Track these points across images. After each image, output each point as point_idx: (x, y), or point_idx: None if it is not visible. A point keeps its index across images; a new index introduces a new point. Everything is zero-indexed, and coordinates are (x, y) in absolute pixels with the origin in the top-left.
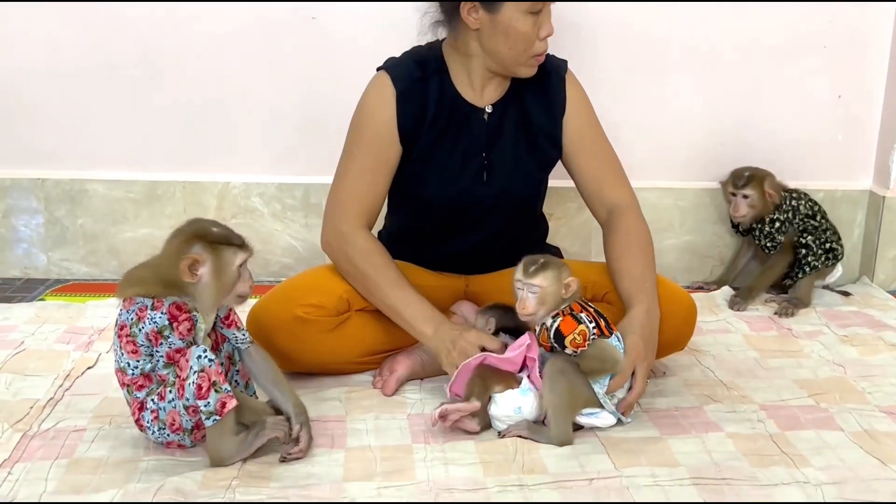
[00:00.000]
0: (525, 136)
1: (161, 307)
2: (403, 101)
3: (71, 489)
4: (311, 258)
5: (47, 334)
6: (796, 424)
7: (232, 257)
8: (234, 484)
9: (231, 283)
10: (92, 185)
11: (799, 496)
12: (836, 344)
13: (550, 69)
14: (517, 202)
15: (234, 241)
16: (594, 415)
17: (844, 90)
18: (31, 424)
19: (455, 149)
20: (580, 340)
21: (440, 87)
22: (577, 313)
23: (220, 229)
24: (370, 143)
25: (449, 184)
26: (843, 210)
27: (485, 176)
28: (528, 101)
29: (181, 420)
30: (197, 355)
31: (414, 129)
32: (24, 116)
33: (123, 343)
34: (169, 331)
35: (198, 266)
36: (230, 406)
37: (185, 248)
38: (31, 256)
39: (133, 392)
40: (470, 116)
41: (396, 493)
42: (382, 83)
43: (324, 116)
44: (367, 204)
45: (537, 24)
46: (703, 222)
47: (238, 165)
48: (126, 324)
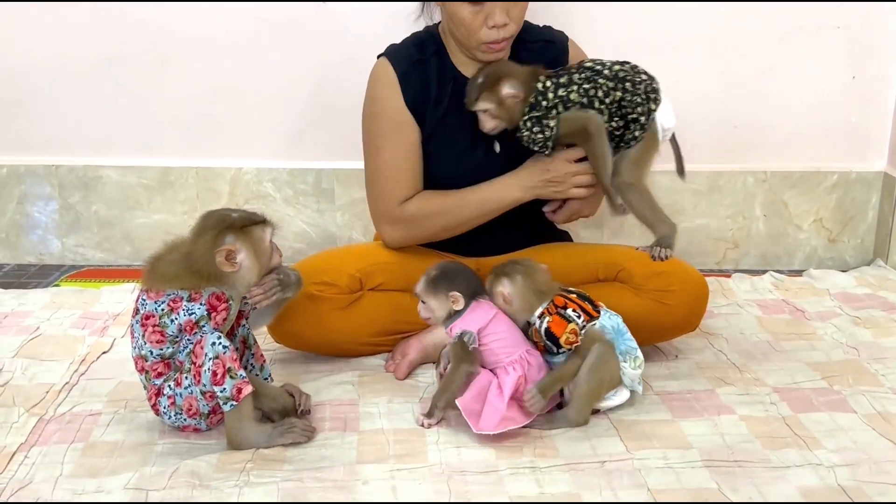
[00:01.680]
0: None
1: (199, 298)
2: (406, 84)
3: (87, 472)
4: (323, 243)
5: (62, 320)
6: (809, 407)
7: (262, 234)
8: (248, 467)
9: (268, 258)
10: (105, 172)
11: (812, 478)
12: (849, 326)
13: (554, 39)
14: None
15: (256, 219)
16: (610, 397)
17: (858, 71)
18: (46, 409)
19: (464, 125)
20: (573, 338)
21: (440, 67)
22: (563, 310)
23: (239, 213)
24: (392, 131)
25: (462, 159)
26: (858, 192)
27: (496, 146)
28: None
29: (198, 405)
30: (211, 342)
31: (421, 109)
32: (38, 104)
33: (148, 332)
34: (206, 321)
35: (234, 255)
36: (246, 392)
37: (218, 241)
38: (45, 242)
39: (151, 379)
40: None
41: (409, 475)
42: (384, 70)
43: (335, 102)
44: (409, 186)
45: (481, 13)
46: (716, 206)
47: (250, 151)
48: (154, 314)
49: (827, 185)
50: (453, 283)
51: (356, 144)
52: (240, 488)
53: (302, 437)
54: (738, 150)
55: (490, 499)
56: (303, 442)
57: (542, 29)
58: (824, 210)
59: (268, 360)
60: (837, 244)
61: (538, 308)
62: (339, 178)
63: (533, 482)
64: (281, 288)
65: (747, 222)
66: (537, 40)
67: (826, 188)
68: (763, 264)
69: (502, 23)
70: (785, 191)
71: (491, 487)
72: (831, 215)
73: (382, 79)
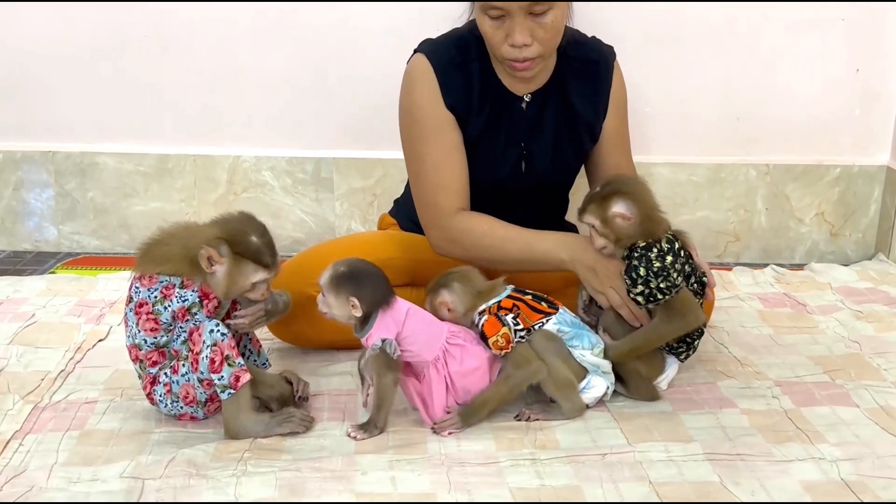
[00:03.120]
0: (565, 126)
1: (192, 285)
2: (446, 86)
3: (82, 460)
4: (322, 233)
5: (58, 307)
6: (811, 400)
7: (251, 273)
8: (245, 456)
9: (240, 291)
10: (102, 159)
11: (814, 472)
12: (851, 320)
13: (599, 58)
14: (552, 190)
15: (263, 259)
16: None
17: (862, 64)
18: (42, 396)
19: (498, 137)
20: (503, 343)
21: (482, 76)
22: (501, 315)
23: (259, 242)
24: (434, 135)
25: (489, 172)
26: (860, 186)
27: (523, 166)
28: (572, 91)
29: (195, 393)
30: (209, 329)
31: (464, 115)
32: (35, 89)
33: (142, 320)
34: (198, 308)
35: (213, 262)
36: (244, 380)
37: (213, 243)
38: (41, 229)
39: (146, 368)
40: (510, 104)
41: (408, 466)
42: (422, 68)
43: (335, 90)
44: (456, 191)
45: (502, 29)
46: (717, 198)
47: (249, 139)
48: (147, 302)
49: (829, 179)
50: (358, 287)
51: (356, 133)
52: (237, 478)
53: (300, 426)
54: (741, 143)
55: (490, 490)
56: (301, 432)
57: (590, 43)
58: (826, 204)
59: (265, 349)
60: (839, 238)
61: (482, 306)
62: (339, 167)
63: (533, 474)
64: (266, 318)
65: (749, 215)
66: (581, 58)
67: (828, 182)
68: (764, 258)
69: (521, 43)
70: (787, 184)
71: (491, 479)
72: (833, 209)
73: (421, 79)
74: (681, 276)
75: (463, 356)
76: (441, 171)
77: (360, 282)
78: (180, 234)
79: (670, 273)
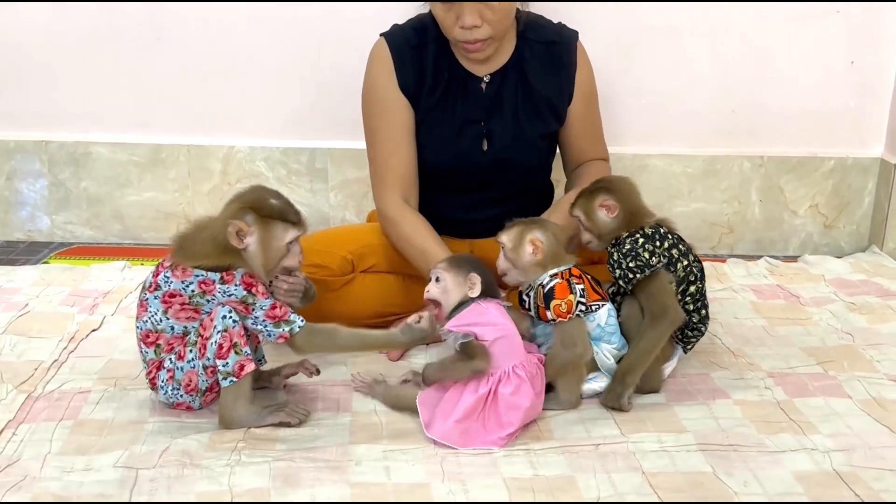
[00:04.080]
0: (526, 105)
1: (233, 280)
2: (401, 67)
3: (75, 450)
4: (317, 223)
5: (52, 297)
6: (804, 392)
7: (282, 233)
8: (240, 446)
9: (278, 257)
10: (96, 148)
11: (807, 463)
12: (844, 312)
13: (560, 39)
14: (520, 170)
15: (288, 216)
16: (592, 379)
17: (857, 56)
18: (35, 386)
19: (453, 116)
20: (564, 309)
21: (437, 54)
22: (573, 282)
23: (279, 202)
24: (383, 114)
25: (445, 150)
26: (854, 178)
27: (484, 144)
28: (532, 70)
29: (198, 380)
30: (222, 315)
31: (415, 94)
32: (28, 78)
33: (174, 309)
34: (252, 298)
35: (244, 234)
36: (248, 370)
37: (237, 215)
38: (34, 219)
39: (161, 352)
40: (467, 84)
41: (402, 456)
42: (379, 51)
43: (330, 80)
44: (400, 175)
45: (452, 11)
46: (712, 190)
47: (243, 129)
48: (180, 293)
49: (824, 171)
50: (478, 267)
51: (351, 124)
52: (231, 467)
53: (293, 417)
54: (736, 135)
55: (484, 480)
56: (294, 423)
57: (552, 27)
58: (820, 196)
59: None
60: (833, 230)
61: (552, 269)
62: (333, 157)
63: (527, 464)
64: (302, 296)
65: (743, 207)
66: (542, 41)
67: (823, 174)
68: (758, 250)
69: (471, 24)
70: (781, 176)
71: (485, 469)
72: (827, 201)
73: (377, 60)
74: (657, 257)
75: (519, 388)
76: (388, 152)
77: (478, 265)
78: (208, 227)
79: (640, 254)
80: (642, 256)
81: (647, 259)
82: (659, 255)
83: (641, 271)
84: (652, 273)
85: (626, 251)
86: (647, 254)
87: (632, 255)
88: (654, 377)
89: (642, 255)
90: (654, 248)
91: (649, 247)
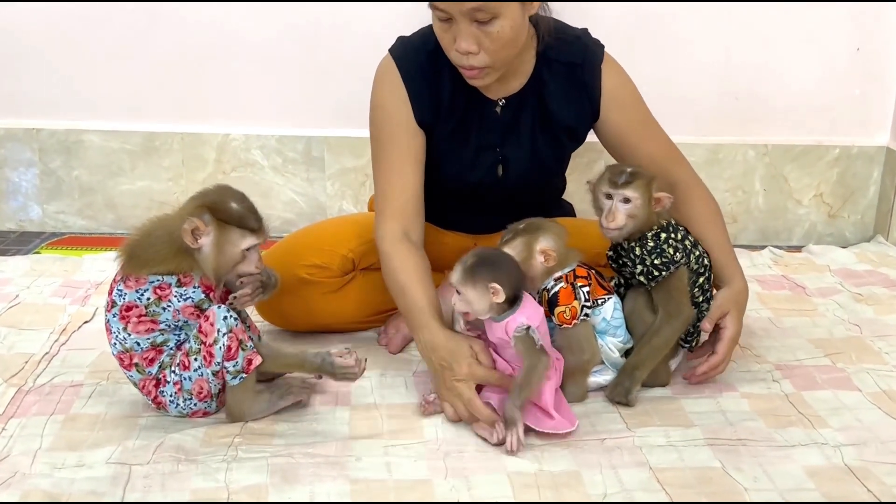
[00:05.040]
0: (543, 131)
1: (191, 282)
2: (417, 99)
3: (67, 445)
4: (313, 213)
5: (43, 288)
6: (812, 384)
7: (239, 239)
8: (236, 441)
9: (231, 262)
10: (88, 136)
11: (817, 458)
12: (850, 303)
13: (583, 61)
14: (536, 191)
15: (248, 223)
16: (597, 373)
17: (863, 43)
18: (26, 379)
19: (468, 142)
20: (568, 316)
21: (453, 79)
22: (578, 286)
23: (241, 207)
24: (388, 140)
25: (461, 176)
26: (859, 167)
27: (499, 170)
28: (550, 95)
29: (209, 386)
30: (222, 317)
31: (431, 122)
32: (18, 64)
33: (132, 324)
34: (207, 303)
35: (200, 234)
36: (256, 363)
37: (195, 213)
38: (25, 209)
39: (144, 369)
40: (483, 109)
41: (404, 451)
42: (389, 75)
43: (327, 67)
44: (401, 205)
45: (450, 32)
46: (715, 179)
47: (238, 117)
48: (137, 304)
49: (828, 160)
50: (496, 271)
51: (348, 111)
52: (227, 463)
53: (302, 393)
54: (739, 122)
55: (487, 476)
56: (304, 399)
57: (574, 42)
58: (825, 185)
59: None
60: (837, 220)
61: (557, 272)
62: (330, 146)
63: (531, 458)
64: (262, 290)
65: (746, 196)
66: (564, 61)
67: (827, 162)
68: (762, 240)
69: (465, 50)
70: (785, 164)
71: (488, 464)
72: (832, 190)
73: (387, 85)
74: (680, 253)
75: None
76: (390, 181)
77: (495, 265)
78: (162, 227)
79: (665, 250)
80: (667, 253)
81: (671, 255)
82: (680, 249)
83: (667, 268)
84: (675, 269)
85: (651, 248)
86: (672, 250)
87: (657, 253)
88: (662, 372)
89: (667, 252)
90: (675, 243)
91: (672, 241)
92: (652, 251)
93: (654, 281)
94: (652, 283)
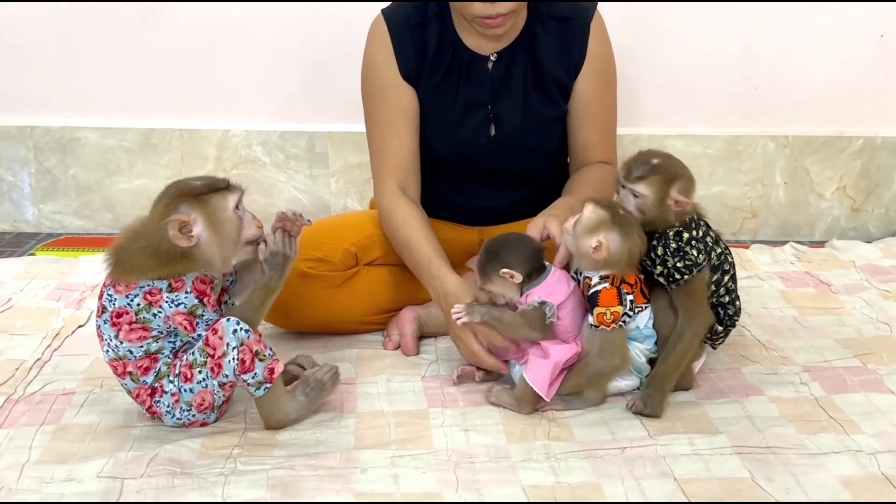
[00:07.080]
0: (536, 86)
1: (182, 287)
2: (400, 48)
3: (56, 458)
4: (317, 210)
5: (36, 290)
6: (843, 387)
7: (222, 202)
8: (235, 453)
9: (234, 230)
10: (84, 134)
11: (852, 466)
12: (878, 300)
13: (574, 15)
14: (532, 155)
15: (217, 185)
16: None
17: (886, 29)
18: (15, 387)
19: (456, 99)
20: (609, 320)
21: (440, 32)
22: (624, 292)
23: (201, 180)
24: (380, 98)
25: (449, 136)
26: (883, 158)
27: (492, 129)
28: (542, 48)
29: (212, 398)
30: (232, 329)
31: (414, 76)
32: (12, 60)
33: (124, 331)
34: (202, 309)
35: (188, 226)
36: (279, 371)
37: (168, 212)
38: (20, 209)
39: (139, 378)
40: (472, 65)
41: (412, 462)
42: (377, 30)
43: (329, 60)
44: (396, 164)
45: None
46: (734, 172)
47: (239, 112)
48: (128, 311)
49: (851, 151)
50: (502, 259)
51: (351, 106)
52: (225, 476)
53: (334, 385)
54: (759, 113)
55: (501, 489)
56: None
57: (569, 2)
58: (848, 177)
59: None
60: (861, 213)
61: (604, 271)
62: (334, 141)
63: (548, 470)
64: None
65: (767, 190)
66: (556, 16)
67: (850, 154)
68: (783, 235)
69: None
70: (807, 156)
71: (502, 476)
72: (855, 183)
73: (374, 39)
74: (703, 254)
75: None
76: (384, 138)
77: (500, 252)
78: (143, 238)
79: (688, 252)
80: (690, 255)
81: (695, 257)
82: (703, 250)
83: (690, 271)
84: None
85: (674, 250)
86: (695, 251)
87: (679, 256)
88: (687, 375)
89: (690, 254)
90: (697, 243)
91: (694, 242)
92: (675, 252)
93: (675, 284)
94: (672, 285)
